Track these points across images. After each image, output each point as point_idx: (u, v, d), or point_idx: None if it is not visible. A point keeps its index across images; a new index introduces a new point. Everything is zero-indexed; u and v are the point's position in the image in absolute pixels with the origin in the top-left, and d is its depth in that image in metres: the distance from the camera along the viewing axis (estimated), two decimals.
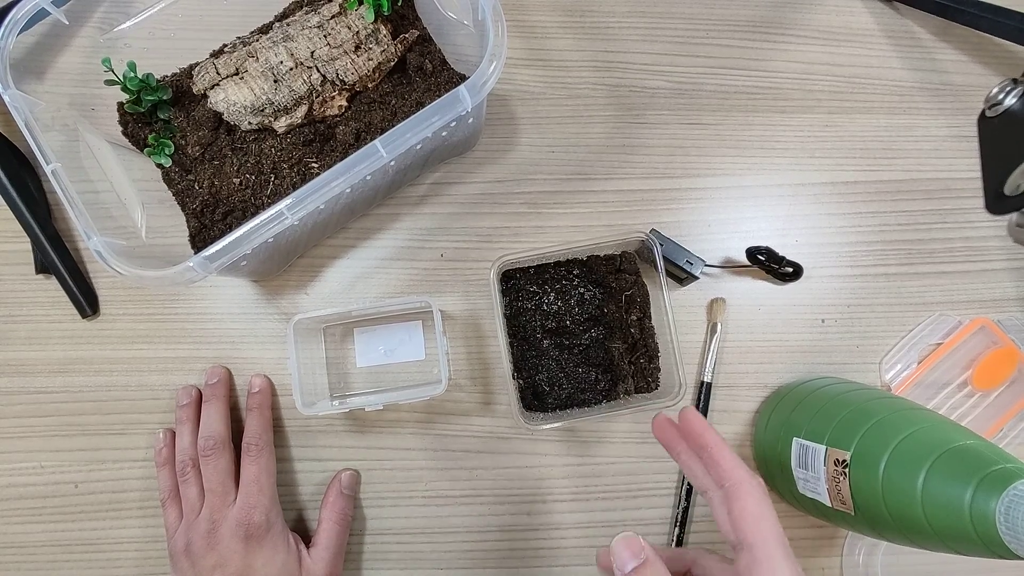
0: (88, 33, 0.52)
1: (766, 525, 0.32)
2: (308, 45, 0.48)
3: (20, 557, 0.50)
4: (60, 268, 0.50)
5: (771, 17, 0.57)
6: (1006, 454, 0.35)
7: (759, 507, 0.33)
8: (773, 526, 0.32)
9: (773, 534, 0.32)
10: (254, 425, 0.48)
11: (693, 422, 0.36)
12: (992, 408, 0.53)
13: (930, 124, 0.56)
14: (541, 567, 0.51)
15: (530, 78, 0.55)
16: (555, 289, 0.51)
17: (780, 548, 0.31)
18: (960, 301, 0.54)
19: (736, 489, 0.33)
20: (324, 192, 0.40)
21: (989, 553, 0.33)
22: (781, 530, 0.32)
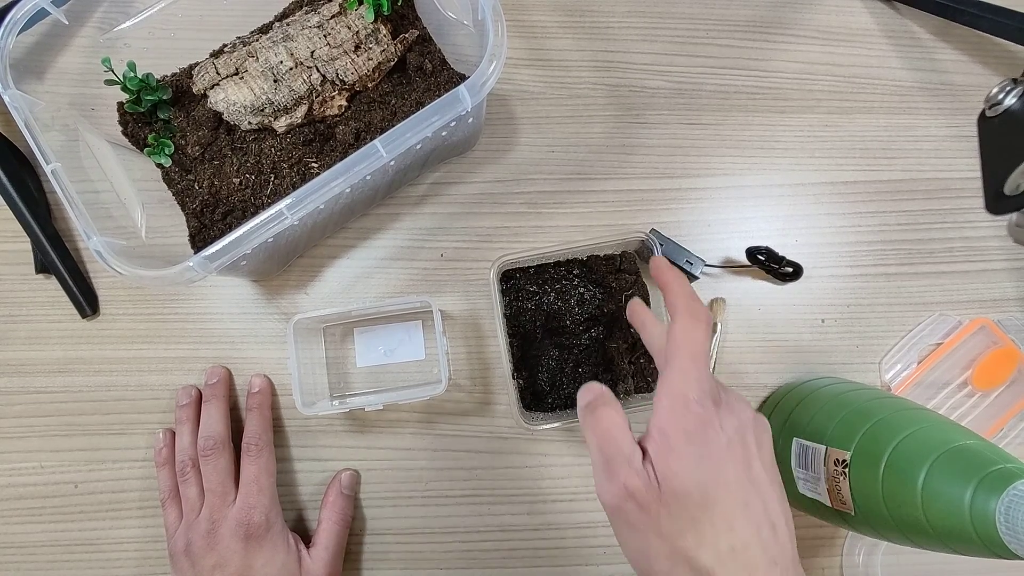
0: (88, 33, 0.52)
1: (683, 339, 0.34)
2: (308, 45, 0.48)
3: (20, 557, 0.50)
4: (60, 268, 0.50)
5: (771, 17, 0.57)
6: (1006, 454, 0.35)
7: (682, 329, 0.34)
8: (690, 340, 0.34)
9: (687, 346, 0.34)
10: (254, 425, 0.48)
11: (659, 264, 0.39)
12: (992, 408, 0.53)
13: (930, 124, 0.56)
14: (541, 567, 0.51)
15: (530, 78, 0.55)
16: (555, 289, 0.51)
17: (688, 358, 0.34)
18: (960, 301, 0.54)
19: (672, 317, 0.35)
20: (324, 192, 0.40)
21: (989, 553, 0.33)
22: (699, 346, 0.34)
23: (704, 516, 0.31)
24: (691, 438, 0.32)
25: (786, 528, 0.33)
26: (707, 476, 0.31)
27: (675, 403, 0.33)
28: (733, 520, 0.31)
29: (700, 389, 0.33)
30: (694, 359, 0.34)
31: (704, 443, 0.32)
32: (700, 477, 0.31)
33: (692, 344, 0.34)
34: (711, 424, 0.32)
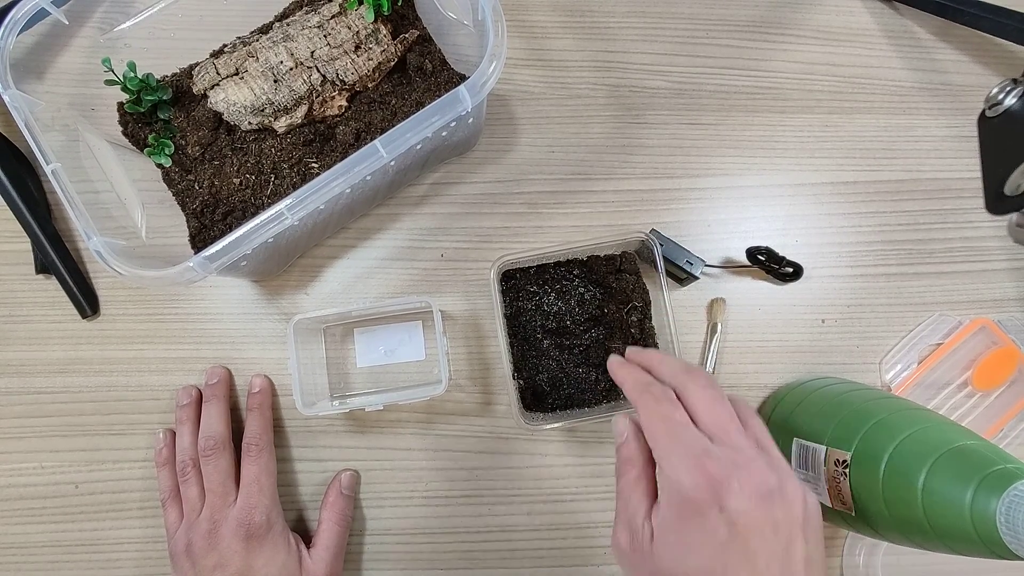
0: (88, 33, 0.52)
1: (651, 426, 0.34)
2: (308, 45, 0.48)
3: (20, 557, 0.50)
4: (60, 268, 0.50)
5: (771, 17, 0.57)
6: (1006, 454, 0.35)
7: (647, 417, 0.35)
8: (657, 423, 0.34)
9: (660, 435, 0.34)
10: (254, 425, 0.48)
11: (638, 355, 0.39)
12: (992, 408, 0.53)
13: (930, 124, 0.56)
14: (541, 567, 0.51)
15: (530, 78, 0.55)
16: (555, 289, 0.51)
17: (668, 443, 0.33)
18: (960, 301, 0.54)
19: None
20: (324, 192, 0.40)
21: (989, 553, 0.33)
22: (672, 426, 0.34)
23: None
24: (680, 519, 0.32)
25: None
26: (698, 567, 0.31)
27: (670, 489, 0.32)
28: None
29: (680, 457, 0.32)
30: (671, 441, 0.33)
31: (693, 530, 0.31)
32: (691, 568, 0.31)
33: (659, 428, 0.34)
34: (702, 509, 0.31)
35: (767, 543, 0.31)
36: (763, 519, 0.31)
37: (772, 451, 0.34)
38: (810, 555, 0.31)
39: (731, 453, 0.32)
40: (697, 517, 0.31)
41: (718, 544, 0.31)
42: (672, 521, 0.32)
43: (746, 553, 0.30)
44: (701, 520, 0.31)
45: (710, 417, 0.34)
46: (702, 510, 0.31)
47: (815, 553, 0.32)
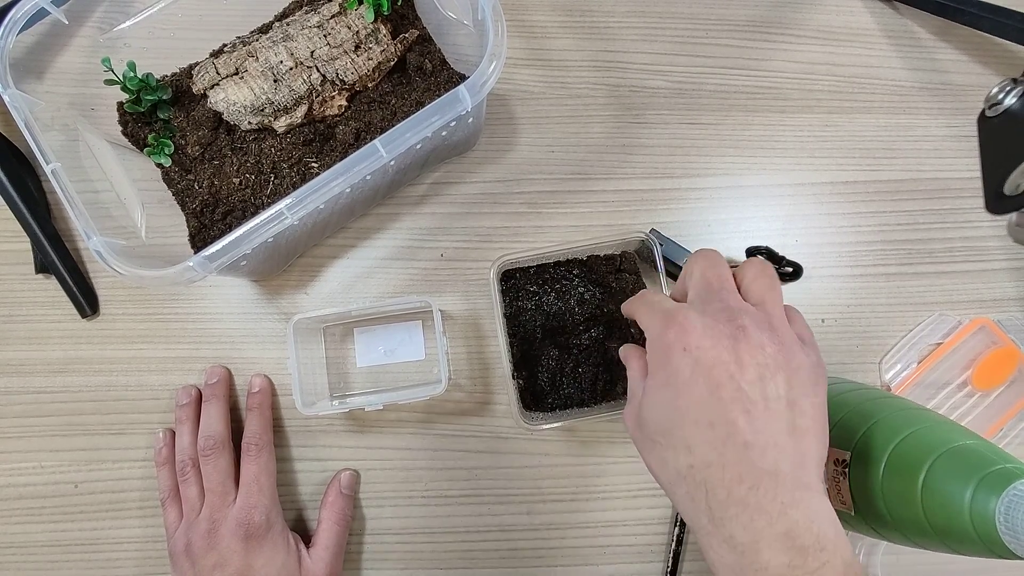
0: (88, 33, 0.52)
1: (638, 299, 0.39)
2: (308, 45, 0.48)
3: (20, 557, 0.50)
4: (60, 268, 0.50)
5: (771, 17, 0.57)
6: (1006, 454, 0.35)
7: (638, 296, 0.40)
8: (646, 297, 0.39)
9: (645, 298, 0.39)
10: (254, 425, 0.48)
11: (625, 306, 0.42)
12: (992, 408, 0.53)
13: (930, 124, 0.56)
14: (541, 567, 0.51)
15: (530, 78, 0.55)
16: (555, 289, 0.51)
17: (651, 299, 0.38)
18: (960, 301, 0.54)
19: None
20: (324, 192, 0.40)
21: (989, 553, 0.33)
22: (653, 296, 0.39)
23: (665, 442, 0.34)
24: (654, 371, 0.35)
25: (775, 445, 0.31)
26: (666, 409, 0.34)
27: (647, 343, 0.36)
28: (692, 442, 0.32)
29: (661, 329, 0.35)
30: (653, 299, 0.37)
31: (667, 371, 0.34)
32: (658, 408, 0.34)
33: (641, 308, 0.38)
34: (673, 350, 0.34)
35: (732, 375, 0.32)
36: (729, 354, 0.32)
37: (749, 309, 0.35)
38: (793, 398, 0.32)
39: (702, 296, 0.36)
40: (666, 359, 0.34)
41: (682, 381, 0.33)
42: (651, 373, 0.35)
43: (709, 385, 0.32)
44: (669, 360, 0.34)
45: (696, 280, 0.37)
46: (670, 352, 0.34)
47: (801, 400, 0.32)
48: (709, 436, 0.32)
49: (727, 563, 0.31)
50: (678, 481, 0.33)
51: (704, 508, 0.32)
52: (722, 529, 0.31)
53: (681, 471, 0.33)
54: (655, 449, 0.34)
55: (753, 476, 0.31)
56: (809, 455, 0.32)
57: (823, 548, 0.30)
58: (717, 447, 0.32)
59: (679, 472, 0.33)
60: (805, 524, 0.30)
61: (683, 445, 0.33)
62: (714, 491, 0.31)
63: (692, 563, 0.51)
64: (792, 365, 0.33)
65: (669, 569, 0.50)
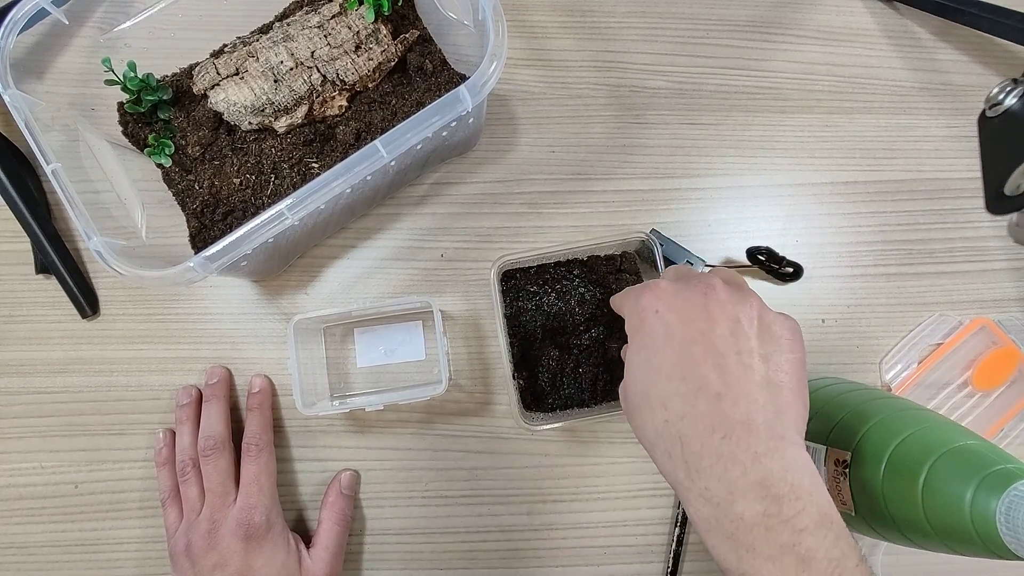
0: (88, 33, 0.52)
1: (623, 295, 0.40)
2: (308, 45, 0.48)
3: (20, 557, 0.50)
4: (60, 268, 0.50)
5: (771, 17, 0.57)
6: (1006, 454, 0.35)
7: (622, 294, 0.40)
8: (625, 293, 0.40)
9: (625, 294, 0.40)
10: (254, 425, 0.48)
11: None
12: (992, 408, 0.53)
13: (930, 124, 0.56)
14: (541, 567, 0.51)
15: (530, 78, 0.55)
16: (555, 289, 0.51)
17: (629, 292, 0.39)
18: (960, 301, 0.54)
19: None
20: (324, 192, 0.40)
21: (989, 553, 0.33)
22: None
23: (644, 402, 0.34)
24: (631, 337, 0.36)
25: (746, 396, 0.32)
26: (643, 370, 0.35)
27: (628, 315, 0.37)
28: (667, 399, 0.33)
29: (636, 298, 0.36)
30: (631, 290, 0.39)
31: (642, 334, 0.35)
32: (637, 374, 0.35)
33: (627, 290, 0.40)
34: (646, 312, 0.35)
35: (704, 333, 0.33)
36: (699, 313, 0.34)
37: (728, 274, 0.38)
38: (765, 353, 0.33)
39: (676, 275, 0.38)
40: (640, 325, 0.35)
41: (654, 342, 0.34)
42: (630, 343, 0.36)
43: (684, 343, 0.33)
44: (643, 325, 0.35)
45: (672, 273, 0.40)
46: (643, 317, 0.35)
47: (773, 355, 0.33)
48: (682, 390, 0.33)
49: (704, 516, 0.31)
50: (656, 439, 0.33)
51: (680, 462, 0.32)
52: (698, 482, 0.31)
53: (657, 427, 0.33)
54: (636, 411, 0.35)
55: (725, 426, 0.31)
56: (785, 409, 0.32)
57: (798, 497, 0.30)
58: (689, 399, 0.32)
59: (656, 429, 0.33)
60: (780, 473, 0.30)
61: (659, 402, 0.33)
62: (688, 443, 0.32)
63: (692, 563, 0.51)
64: (764, 321, 0.35)
65: (669, 570, 0.50)
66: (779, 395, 0.33)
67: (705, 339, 0.33)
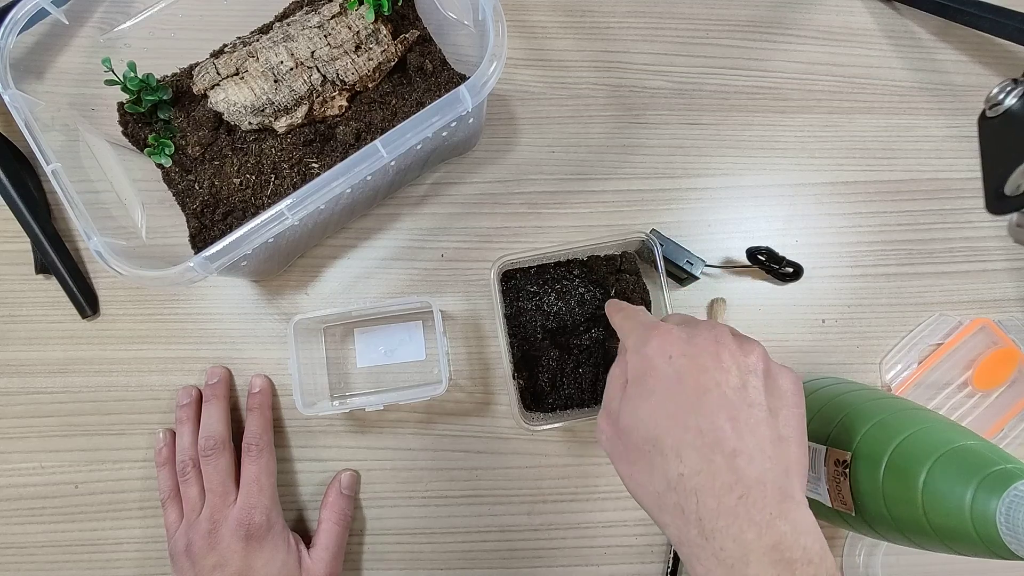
0: (88, 33, 0.52)
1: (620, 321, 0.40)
2: (308, 45, 0.48)
3: (20, 557, 0.50)
4: (60, 268, 0.50)
5: (771, 17, 0.57)
6: (1006, 454, 0.35)
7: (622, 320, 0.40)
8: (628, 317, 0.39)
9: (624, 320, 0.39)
10: (254, 425, 0.48)
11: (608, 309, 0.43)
12: (992, 408, 0.53)
13: (930, 124, 0.56)
14: (541, 567, 0.51)
15: (530, 78, 0.55)
16: (555, 289, 0.51)
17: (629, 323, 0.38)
18: (960, 301, 0.54)
19: None
20: (324, 192, 0.40)
21: (989, 554, 0.33)
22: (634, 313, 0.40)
23: (654, 450, 0.33)
24: (637, 380, 0.35)
25: (761, 452, 0.31)
26: (651, 413, 0.33)
27: (628, 355, 0.36)
28: (682, 450, 0.32)
29: (642, 339, 0.35)
30: (635, 313, 0.39)
31: (653, 378, 0.34)
32: (644, 415, 0.34)
33: (625, 321, 0.39)
34: (656, 358, 0.34)
35: (716, 382, 0.33)
36: (711, 362, 0.33)
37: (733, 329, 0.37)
38: (772, 407, 0.33)
39: (682, 320, 0.37)
40: (650, 368, 0.34)
41: (666, 388, 0.33)
42: (632, 381, 0.35)
43: (696, 391, 0.32)
44: (653, 369, 0.34)
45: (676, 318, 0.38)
46: (654, 361, 0.34)
47: (781, 409, 0.33)
48: (698, 442, 0.32)
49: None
50: (667, 492, 0.32)
51: (694, 519, 0.31)
52: (712, 542, 0.30)
53: (671, 480, 0.32)
54: (641, 458, 0.33)
55: (743, 485, 0.31)
56: (793, 466, 0.32)
57: (810, 561, 0.30)
58: (706, 453, 0.31)
59: (668, 482, 0.32)
60: (792, 537, 0.30)
61: (673, 452, 0.32)
62: (704, 500, 0.31)
63: None
64: (771, 373, 0.34)
65: (669, 570, 0.50)
66: (787, 451, 0.32)
67: (719, 390, 0.32)
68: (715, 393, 0.32)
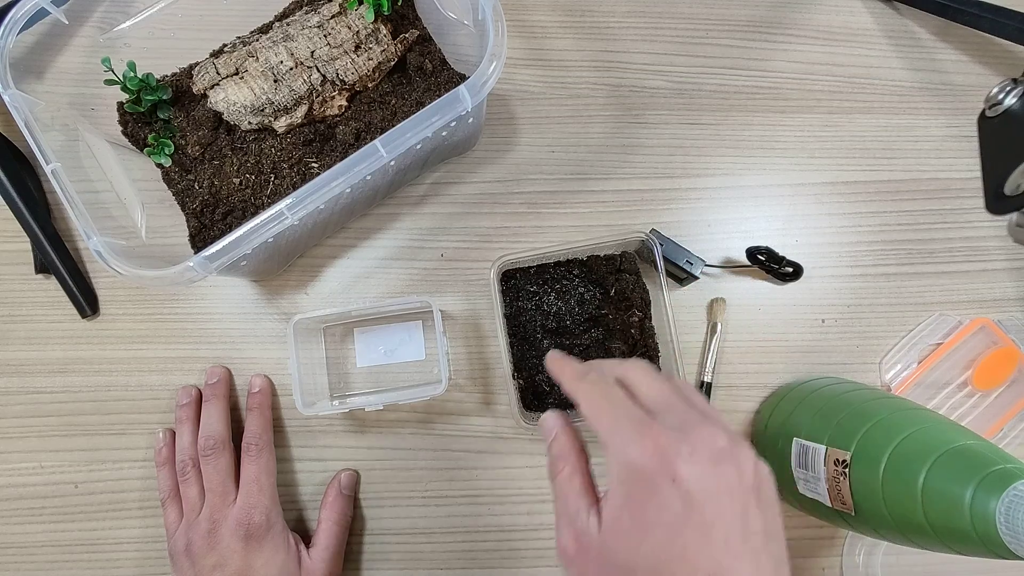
0: (88, 33, 0.52)
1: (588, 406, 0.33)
2: (308, 45, 0.48)
3: (20, 557, 0.50)
4: (60, 268, 0.50)
5: (771, 17, 0.57)
6: (1006, 454, 0.35)
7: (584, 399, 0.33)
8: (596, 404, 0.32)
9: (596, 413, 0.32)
10: (254, 425, 0.48)
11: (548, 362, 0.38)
12: (992, 408, 0.53)
13: (930, 124, 0.56)
14: (541, 567, 0.50)
15: (530, 78, 0.55)
16: (555, 289, 0.51)
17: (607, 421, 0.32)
18: (960, 301, 0.54)
19: None
20: (324, 192, 0.40)
21: (989, 553, 0.33)
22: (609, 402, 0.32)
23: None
24: (633, 504, 0.29)
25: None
26: (656, 551, 0.29)
27: (618, 466, 0.30)
28: None
29: (635, 434, 0.30)
30: (615, 398, 0.32)
31: (653, 505, 0.29)
32: (648, 551, 0.29)
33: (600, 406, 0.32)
34: (658, 480, 0.29)
35: (723, 511, 0.28)
36: (718, 485, 0.29)
37: (719, 419, 0.32)
38: (767, 527, 0.29)
39: (677, 420, 0.31)
40: (649, 492, 0.29)
41: (674, 519, 0.28)
42: (623, 503, 0.30)
43: (703, 526, 0.28)
44: (653, 494, 0.29)
45: (652, 391, 0.33)
46: (654, 483, 0.29)
47: (772, 526, 0.29)
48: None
49: None
50: None
51: None
52: None
53: None
54: None
55: None
56: None
57: None
58: None
59: None
60: None
61: None
62: None
63: None
64: (762, 492, 0.30)
65: None
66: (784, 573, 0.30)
67: (723, 520, 0.28)
68: (720, 527, 0.28)
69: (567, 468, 0.33)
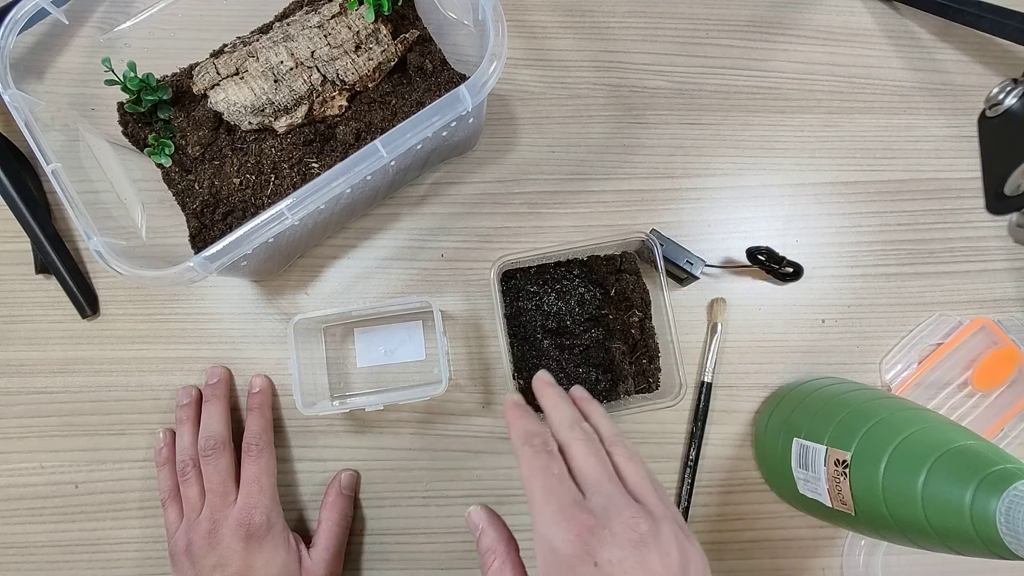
0: (88, 33, 0.52)
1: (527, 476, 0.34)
2: (308, 45, 0.48)
3: (20, 557, 0.50)
4: (60, 268, 0.50)
5: (771, 17, 0.57)
6: (1006, 454, 0.35)
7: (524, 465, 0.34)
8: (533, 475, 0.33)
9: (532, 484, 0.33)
10: (254, 425, 0.48)
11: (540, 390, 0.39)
12: (992, 408, 0.53)
13: (930, 124, 0.56)
14: None
15: (530, 78, 0.55)
16: (555, 289, 0.51)
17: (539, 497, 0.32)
18: (960, 301, 0.54)
19: None
20: (324, 192, 0.40)
21: (989, 553, 0.33)
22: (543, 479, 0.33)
23: None
24: None
25: None
26: None
27: (542, 548, 0.31)
28: None
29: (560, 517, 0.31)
30: (545, 496, 0.32)
31: None
32: None
33: (534, 480, 0.33)
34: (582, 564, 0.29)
35: None
36: (640, 569, 0.29)
37: (648, 498, 0.32)
38: None
39: (603, 502, 0.31)
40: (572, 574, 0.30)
41: None
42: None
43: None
44: None
45: (586, 468, 0.33)
46: (575, 567, 0.30)
47: None
48: None
49: None
50: None
51: None
52: None
53: None
54: None
55: None
56: None
57: None
58: None
59: None
60: None
61: None
62: None
63: None
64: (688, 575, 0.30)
65: None
66: None
67: None
68: None
69: (496, 561, 0.34)
